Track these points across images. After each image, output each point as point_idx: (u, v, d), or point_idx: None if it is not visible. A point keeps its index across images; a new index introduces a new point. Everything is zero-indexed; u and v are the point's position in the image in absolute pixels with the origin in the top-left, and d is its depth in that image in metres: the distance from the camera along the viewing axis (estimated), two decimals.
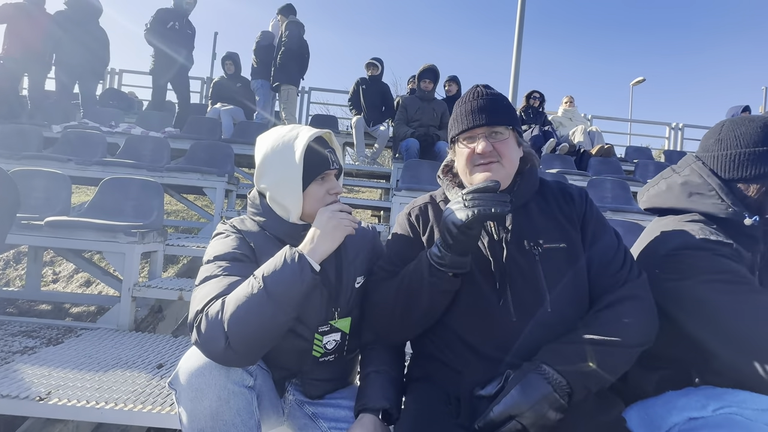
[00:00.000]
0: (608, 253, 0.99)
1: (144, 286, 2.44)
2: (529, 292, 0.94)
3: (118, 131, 4.75)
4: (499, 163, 0.98)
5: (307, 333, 1.04)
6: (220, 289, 0.91)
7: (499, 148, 0.98)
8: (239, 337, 0.83)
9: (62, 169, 3.38)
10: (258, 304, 0.85)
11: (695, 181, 1.07)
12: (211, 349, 0.85)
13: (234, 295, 0.87)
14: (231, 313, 0.84)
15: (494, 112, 0.99)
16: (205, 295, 0.90)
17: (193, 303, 0.91)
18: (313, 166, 1.04)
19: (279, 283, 0.87)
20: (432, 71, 4.72)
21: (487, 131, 0.99)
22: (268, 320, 0.86)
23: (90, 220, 2.44)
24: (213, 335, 0.84)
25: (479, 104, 1.00)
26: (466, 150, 1.01)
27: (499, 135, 0.99)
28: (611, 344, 0.87)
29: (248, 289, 0.87)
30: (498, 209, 0.82)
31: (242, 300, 0.85)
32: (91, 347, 2.07)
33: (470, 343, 0.97)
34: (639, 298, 0.93)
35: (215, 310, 0.86)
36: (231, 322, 0.83)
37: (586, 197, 1.08)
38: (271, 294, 0.85)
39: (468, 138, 1.01)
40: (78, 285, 3.93)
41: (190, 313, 0.91)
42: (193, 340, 0.87)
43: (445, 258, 0.90)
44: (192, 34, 5.48)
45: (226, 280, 0.93)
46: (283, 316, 0.88)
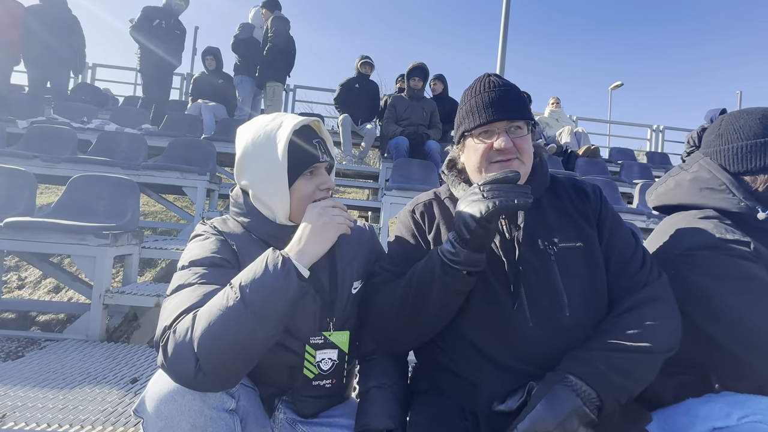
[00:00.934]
0: (626, 252, 0.94)
1: (117, 292, 2.25)
2: (546, 294, 0.88)
3: (91, 127, 4.48)
4: (519, 159, 0.92)
5: (297, 346, 0.93)
6: (194, 300, 0.77)
7: (519, 144, 0.92)
8: (212, 358, 0.70)
9: (27, 166, 3.13)
10: (234, 319, 0.71)
11: (704, 177, 1.04)
12: (178, 373, 0.72)
13: (207, 309, 0.74)
14: (202, 330, 0.71)
15: (514, 106, 0.93)
16: (175, 307, 0.77)
17: (162, 317, 0.78)
18: (300, 159, 0.92)
19: (259, 293, 0.74)
20: (421, 69, 4.65)
21: (506, 126, 0.92)
22: (247, 337, 0.72)
23: (56, 221, 2.23)
24: (181, 357, 0.71)
25: (496, 96, 0.93)
26: (482, 145, 0.93)
27: (519, 130, 0.93)
28: (639, 350, 0.80)
29: (223, 300, 0.73)
30: (521, 200, 0.76)
31: (216, 314, 0.72)
32: (55, 361, 1.88)
33: (484, 350, 0.90)
34: (663, 300, 0.87)
35: (184, 326, 0.72)
36: (202, 341, 0.70)
37: (600, 194, 1.03)
38: (249, 306, 0.72)
39: (485, 133, 0.94)
40: (46, 291, 3.66)
41: (157, 329, 0.77)
42: (159, 363, 0.74)
43: (459, 254, 0.82)
44: (181, 34, 5.30)
45: (201, 290, 0.80)
46: (264, 332, 0.74)
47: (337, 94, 5.31)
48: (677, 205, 1.10)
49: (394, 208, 3.55)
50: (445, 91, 5.52)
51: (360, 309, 1.03)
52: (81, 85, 6.83)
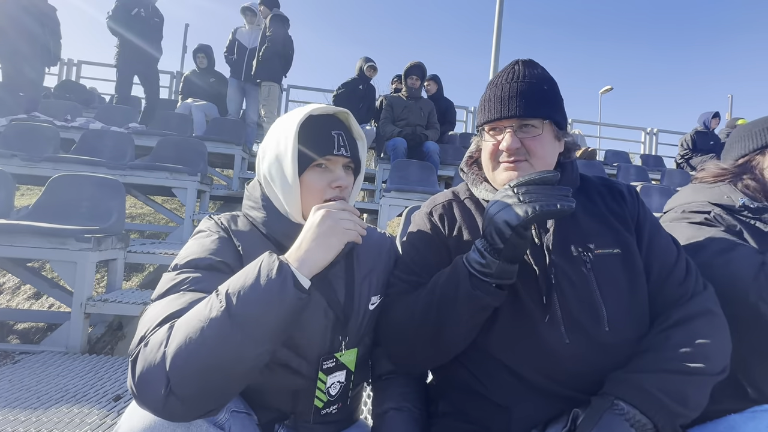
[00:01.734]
0: (669, 260, 0.85)
1: (99, 300, 2.10)
2: (581, 307, 0.78)
3: (75, 126, 4.29)
4: (528, 162, 0.84)
5: (305, 368, 0.80)
6: (176, 308, 0.65)
7: (529, 145, 0.83)
8: (186, 379, 0.58)
9: (5, 165, 2.95)
10: (216, 333, 0.59)
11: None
12: (146, 397, 0.59)
13: (185, 319, 0.62)
14: (177, 345, 0.58)
15: (528, 101, 0.83)
16: (154, 316, 0.65)
17: (139, 326, 0.65)
18: (311, 148, 0.80)
19: (249, 304, 0.61)
20: (419, 68, 4.57)
21: (516, 124, 0.83)
22: (230, 356, 0.60)
23: (33, 224, 2.07)
24: (149, 376, 0.58)
25: (512, 89, 0.84)
26: (490, 143, 0.85)
27: (532, 129, 0.84)
28: (693, 372, 0.71)
29: (205, 310, 0.61)
30: (564, 204, 0.67)
31: (195, 326, 0.59)
32: (30, 377, 1.72)
33: (514, 369, 0.80)
34: (713, 314, 0.79)
35: (158, 339, 0.60)
36: (175, 358, 0.58)
37: (637, 195, 0.94)
38: (236, 318, 0.60)
39: (494, 129, 0.86)
40: (26, 297, 3.46)
41: (133, 341, 0.64)
42: (129, 384, 0.61)
43: (491, 266, 0.73)
44: (160, 22, 5.06)
45: (188, 297, 0.67)
46: (252, 351, 0.61)
47: (338, 92, 5.18)
48: None
49: (393, 210, 3.45)
50: (440, 91, 5.47)
51: (376, 327, 0.92)
52: (65, 82, 6.59)
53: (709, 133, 6.48)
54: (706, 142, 6.37)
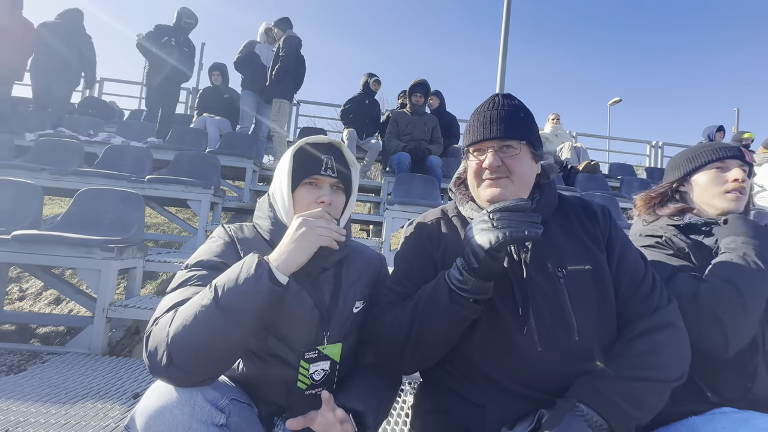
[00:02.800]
0: (637, 275, 0.93)
1: (120, 305, 2.26)
2: (555, 318, 0.87)
3: (97, 140, 4.54)
4: (508, 179, 0.93)
5: (292, 358, 0.93)
6: (181, 298, 0.83)
7: (509, 164, 0.92)
8: (182, 352, 0.74)
9: (35, 179, 3.17)
10: (206, 317, 0.75)
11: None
12: (154, 365, 0.76)
13: (186, 306, 0.78)
14: (177, 326, 0.75)
15: (507, 125, 0.93)
16: (165, 304, 0.83)
17: (155, 312, 0.83)
18: (302, 168, 0.97)
19: (231, 293, 0.77)
20: (423, 86, 4.74)
21: (497, 145, 0.93)
22: (216, 335, 0.75)
23: (62, 234, 2.25)
24: (157, 349, 0.75)
25: (493, 115, 0.95)
26: (474, 162, 0.96)
27: (511, 149, 0.93)
28: (651, 379, 0.80)
29: (200, 299, 0.77)
30: (531, 231, 0.76)
31: (191, 311, 0.76)
32: (58, 375, 1.87)
33: (491, 375, 0.89)
34: (674, 326, 0.88)
35: (165, 321, 0.78)
36: (174, 336, 0.74)
37: (609, 215, 1.02)
38: (221, 305, 0.76)
39: (478, 150, 0.96)
40: (47, 303, 3.65)
41: (149, 322, 0.82)
42: (143, 355, 0.78)
43: (467, 282, 0.82)
44: (189, 52, 5.43)
45: (192, 290, 0.84)
46: (235, 331, 0.77)
47: (345, 108, 5.39)
48: None
49: (396, 222, 3.57)
50: (442, 106, 5.62)
51: (361, 328, 1.04)
52: (88, 98, 6.94)
53: None
54: None
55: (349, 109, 5.32)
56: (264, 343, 0.91)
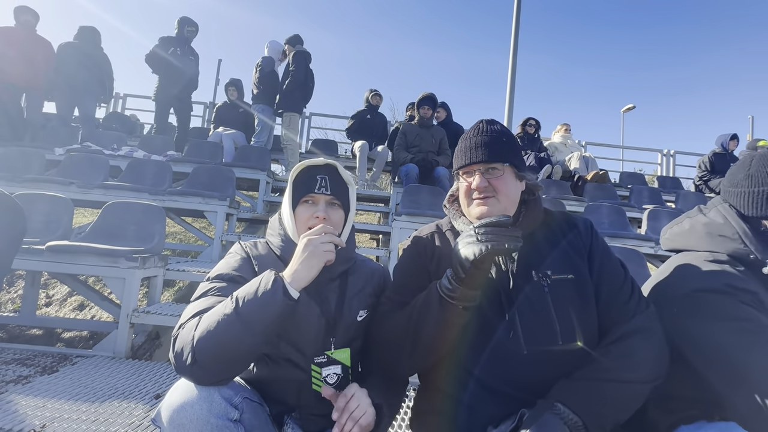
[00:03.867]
0: (616, 284, 1.00)
1: (143, 312, 2.41)
2: (539, 324, 0.94)
3: (121, 154, 4.79)
4: (495, 198, 1.01)
5: (303, 362, 1.03)
6: (204, 306, 0.92)
7: (495, 184, 1.01)
8: (205, 354, 0.84)
9: (64, 192, 3.39)
10: (227, 324, 0.85)
11: (719, 222, 1.05)
12: (179, 364, 0.86)
13: (210, 313, 0.89)
14: (201, 331, 0.86)
15: (491, 149, 1.02)
16: (191, 310, 0.93)
17: (182, 317, 0.94)
18: (300, 188, 1.09)
19: (249, 305, 0.87)
20: (431, 99, 4.86)
21: (483, 167, 1.02)
22: (235, 341, 0.85)
23: (92, 245, 2.43)
24: (182, 350, 0.86)
25: (478, 141, 1.04)
26: (464, 184, 1.05)
27: (495, 171, 1.02)
28: (625, 380, 0.87)
29: (222, 308, 0.88)
30: (511, 244, 0.84)
31: (214, 319, 0.86)
32: (86, 376, 2.02)
33: (480, 377, 0.96)
34: (649, 330, 0.94)
35: (191, 325, 0.88)
36: (199, 339, 0.85)
37: (591, 227, 1.10)
38: (240, 315, 0.86)
39: (466, 173, 1.05)
40: (71, 309, 3.84)
41: (175, 327, 0.93)
42: (170, 355, 0.89)
43: (456, 291, 0.90)
44: (194, 60, 5.65)
45: (213, 300, 0.95)
46: (250, 338, 0.87)
47: (349, 125, 5.57)
48: (689, 250, 1.10)
49: (403, 232, 3.66)
50: (449, 117, 5.71)
51: (365, 335, 1.12)
52: (112, 114, 7.30)
53: (728, 155, 6.41)
54: (725, 164, 6.29)
55: (354, 126, 5.49)
56: (277, 348, 1.02)
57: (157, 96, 5.53)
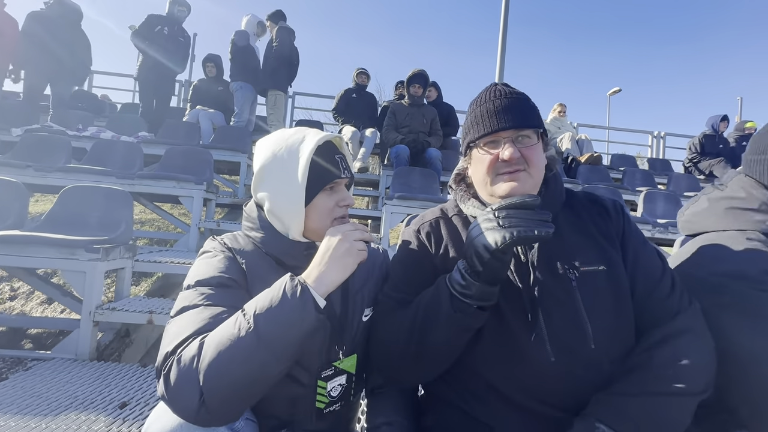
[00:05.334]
0: (654, 276, 0.86)
1: (108, 308, 2.16)
2: (567, 325, 0.80)
3: (86, 135, 4.41)
4: (526, 171, 0.85)
5: (305, 378, 0.86)
6: (199, 324, 0.72)
7: (527, 155, 0.85)
8: (218, 393, 0.65)
9: (20, 176, 3.06)
10: (245, 351, 0.66)
11: (739, 196, 0.95)
12: (181, 407, 0.66)
13: (216, 337, 0.68)
14: (210, 361, 0.66)
15: (522, 114, 0.86)
16: (178, 331, 0.72)
17: (164, 341, 0.72)
18: (321, 175, 0.87)
19: (274, 324, 0.69)
20: (422, 76, 4.60)
21: (513, 135, 0.85)
22: (257, 371, 0.68)
23: (45, 235, 2.15)
24: (184, 389, 0.65)
25: (504, 104, 0.86)
26: (488, 156, 0.86)
27: (527, 139, 0.86)
28: (676, 393, 0.72)
29: (234, 329, 0.68)
30: (542, 231, 0.69)
31: (225, 344, 0.67)
32: (41, 383, 1.78)
33: (498, 389, 0.81)
34: (696, 332, 0.80)
35: (190, 354, 0.67)
36: (209, 374, 0.65)
37: (622, 209, 0.95)
38: (263, 337, 0.67)
39: (491, 143, 0.87)
40: (39, 302, 3.55)
41: (159, 354, 0.71)
42: (160, 393, 0.68)
43: (471, 287, 0.75)
44: (185, 42, 5.30)
45: (207, 312, 0.74)
46: (276, 366, 0.69)
47: (335, 104, 5.28)
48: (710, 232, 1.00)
49: (395, 217, 3.48)
50: (440, 98, 5.52)
51: (369, 337, 0.96)
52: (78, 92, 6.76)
53: (718, 137, 6.40)
54: (715, 146, 6.30)
55: (340, 107, 5.22)
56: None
57: (140, 76, 5.18)
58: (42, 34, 4.70)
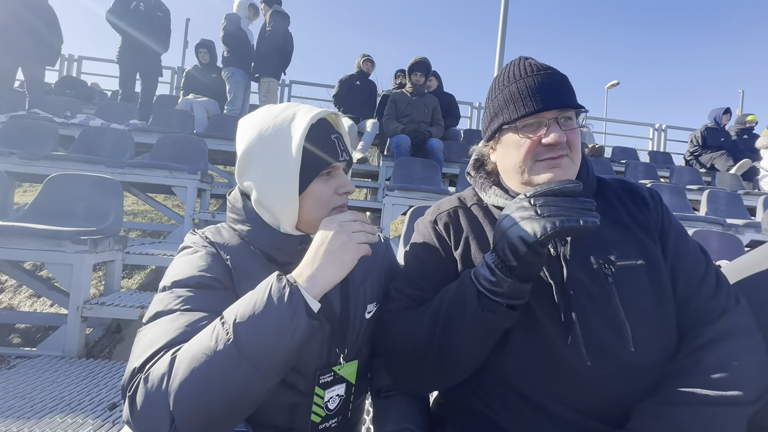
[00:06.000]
0: (697, 271, 0.78)
1: (97, 303, 2.05)
2: (604, 325, 0.72)
3: (74, 122, 4.24)
4: (569, 157, 0.77)
5: (302, 384, 0.76)
6: (173, 335, 0.61)
7: (571, 138, 0.77)
8: (192, 419, 0.55)
9: (3, 163, 2.92)
10: (224, 367, 0.56)
11: None
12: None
13: (189, 350, 0.58)
14: (182, 380, 0.55)
15: (566, 92, 0.78)
16: (149, 342, 0.61)
17: (133, 354, 0.61)
18: (316, 159, 0.75)
19: (258, 335, 0.58)
20: (424, 64, 4.46)
21: (557, 115, 0.76)
22: (238, 390, 0.57)
23: (28, 225, 2.02)
24: (152, 415, 0.55)
25: (542, 80, 0.77)
26: (527, 140, 0.77)
27: (570, 122, 0.78)
28: (729, 402, 0.64)
29: (211, 341, 0.57)
30: (587, 221, 0.61)
31: (200, 359, 0.56)
32: (25, 383, 1.68)
33: (528, 395, 0.73)
34: (747, 332, 0.72)
35: (159, 372, 0.57)
36: (180, 396, 0.55)
37: (660, 200, 0.86)
38: (244, 351, 0.57)
39: (531, 125, 0.77)
40: (27, 295, 3.44)
41: (126, 370, 0.60)
42: (125, 418, 0.57)
43: (502, 284, 0.67)
44: (164, 16, 5.00)
45: (183, 319, 0.63)
46: (262, 383, 0.59)
47: (336, 90, 5.12)
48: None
49: (396, 209, 3.39)
50: (440, 87, 5.41)
51: (373, 336, 0.87)
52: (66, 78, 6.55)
53: (720, 130, 6.35)
54: (717, 139, 6.26)
55: (341, 93, 5.06)
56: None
57: (121, 58, 4.88)
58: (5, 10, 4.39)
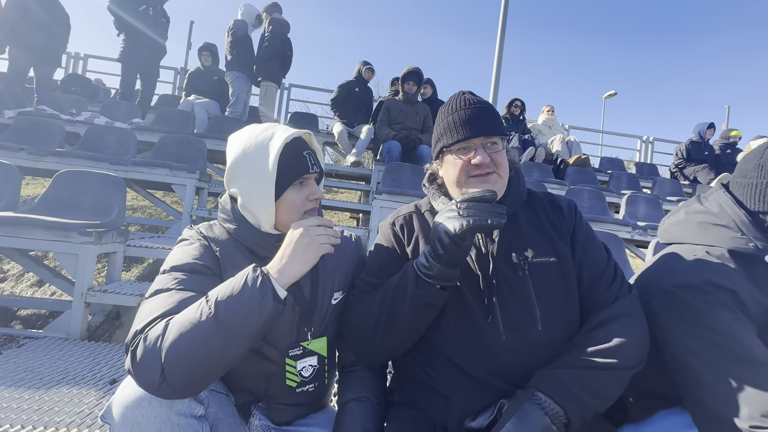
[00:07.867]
0: (599, 267, 0.97)
1: (99, 291, 2.23)
2: (519, 308, 0.91)
3: (80, 120, 4.41)
4: (497, 173, 0.96)
5: (275, 355, 0.94)
6: (168, 307, 0.79)
7: (496, 159, 0.96)
8: (177, 371, 0.71)
9: (12, 158, 3.08)
10: (204, 334, 0.73)
11: (713, 211, 0.98)
12: (144, 382, 0.73)
13: (179, 319, 0.75)
14: (171, 342, 0.72)
15: (489, 122, 0.97)
16: (149, 312, 0.78)
17: (136, 319, 0.79)
18: (290, 170, 0.94)
19: (233, 311, 0.75)
20: (416, 74, 4.66)
21: (483, 141, 0.96)
22: (215, 353, 0.74)
23: (39, 217, 2.20)
24: (147, 366, 0.72)
25: (472, 113, 0.96)
26: (460, 161, 0.96)
27: (495, 145, 0.97)
28: (607, 367, 0.83)
29: (196, 314, 0.74)
30: (494, 220, 0.79)
31: (187, 326, 0.73)
32: (33, 360, 1.85)
33: (458, 363, 0.91)
34: (631, 315, 0.90)
35: (155, 334, 0.73)
36: (169, 353, 0.71)
37: (575, 209, 1.06)
38: (222, 323, 0.73)
39: (463, 149, 0.97)
40: (29, 284, 3.59)
41: (130, 331, 0.79)
42: (127, 367, 0.75)
43: (433, 269, 0.85)
44: (166, 23, 5.23)
45: (177, 296, 0.81)
46: (234, 350, 0.76)
47: (335, 95, 5.30)
48: (684, 243, 1.03)
49: (384, 212, 3.56)
50: (435, 95, 5.57)
51: (340, 319, 1.04)
52: (71, 75, 6.71)
53: (704, 144, 6.54)
54: (700, 153, 6.44)
55: (339, 97, 5.24)
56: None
57: (123, 57, 5.06)
58: (33, 6, 4.56)
